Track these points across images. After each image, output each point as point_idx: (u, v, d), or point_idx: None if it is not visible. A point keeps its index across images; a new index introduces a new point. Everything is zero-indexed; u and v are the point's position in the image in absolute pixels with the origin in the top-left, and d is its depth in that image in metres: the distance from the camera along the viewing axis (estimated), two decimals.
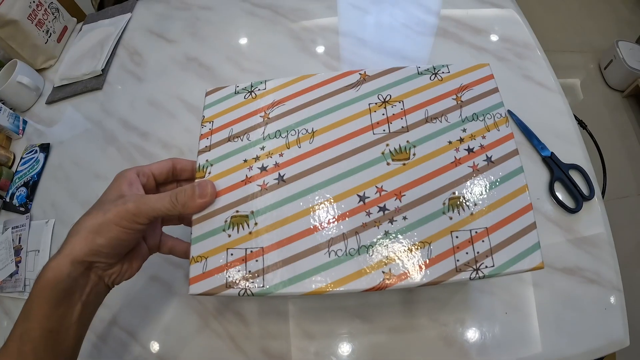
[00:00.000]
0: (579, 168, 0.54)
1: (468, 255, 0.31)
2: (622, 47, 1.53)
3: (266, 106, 0.39)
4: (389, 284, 0.31)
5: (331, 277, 0.32)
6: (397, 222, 0.33)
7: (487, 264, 0.31)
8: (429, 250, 0.32)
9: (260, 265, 0.33)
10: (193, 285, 0.33)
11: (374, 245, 0.32)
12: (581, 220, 0.52)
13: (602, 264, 0.49)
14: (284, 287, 0.32)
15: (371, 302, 0.49)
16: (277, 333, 0.50)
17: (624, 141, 1.50)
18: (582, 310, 0.47)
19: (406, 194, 0.34)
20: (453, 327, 0.47)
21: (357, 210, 0.34)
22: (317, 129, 0.37)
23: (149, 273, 0.57)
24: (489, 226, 0.32)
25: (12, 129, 0.78)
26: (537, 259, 0.31)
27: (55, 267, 0.32)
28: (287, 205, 0.35)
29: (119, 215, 0.32)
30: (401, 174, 0.34)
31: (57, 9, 0.89)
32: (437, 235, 0.32)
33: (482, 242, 0.32)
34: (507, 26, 0.68)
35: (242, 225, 0.34)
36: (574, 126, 0.58)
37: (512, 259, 0.31)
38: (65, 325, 0.33)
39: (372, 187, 0.34)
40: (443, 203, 0.33)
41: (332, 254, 0.32)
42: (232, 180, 0.36)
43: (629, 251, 1.27)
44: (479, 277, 0.30)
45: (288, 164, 0.36)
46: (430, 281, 0.31)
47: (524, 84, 0.62)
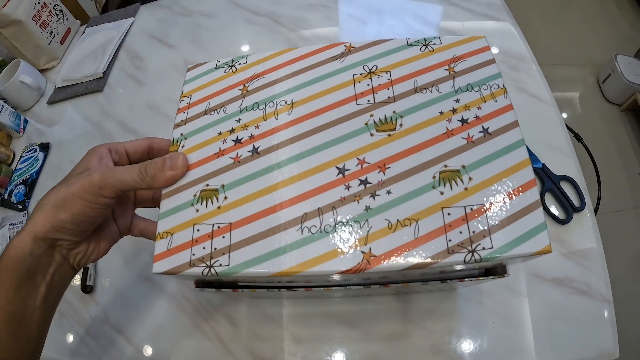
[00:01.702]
0: (570, 179, 0.55)
1: (462, 235, 0.27)
2: (621, 61, 1.54)
3: (246, 79, 0.37)
4: (369, 265, 0.27)
5: (303, 257, 0.28)
6: (380, 197, 0.29)
7: (484, 246, 0.27)
8: (417, 228, 0.28)
9: (227, 242, 0.29)
10: (157, 263, 0.30)
11: (353, 221, 0.28)
12: (572, 232, 0.52)
13: (592, 275, 0.49)
14: (250, 267, 0.28)
15: (360, 309, 0.50)
16: (266, 337, 0.50)
17: (620, 155, 1.51)
18: (572, 321, 0.47)
19: (391, 166, 0.30)
20: (440, 336, 0.47)
21: (336, 183, 0.30)
22: (297, 100, 0.34)
23: (141, 273, 0.57)
24: (487, 203, 0.28)
25: (13, 127, 0.79)
26: (543, 241, 0.27)
27: (17, 245, 0.30)
28: (259, 178, 0.31)
29: (83, 189, 0.30)
30: (386, 145, 0.31)
31: (62, 11, 0.90)
32: (425, 212, 0.28)
33: (479, 221, 0.27)
34: (503, 39, 0.69)
35: (211, 199, 0.31)
36: (566, 138, 0.59)
37: (514, 241, 0.27)
38: (29, 309, 0.31)
39: (352, 159, 0.31)
40: (433, 177, 0.29)
41: (306, 231, 0.29)
42: (205, 153, 0.34)
43: (623, 264, 1.27)
44: (475, 261, 0.26)
45: (263, 136, 0.33)
46: (417, 263, 0.27)
47: (518, 96, 0.63)
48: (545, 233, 0.27)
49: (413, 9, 0.77)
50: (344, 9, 0.80)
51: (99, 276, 0.59)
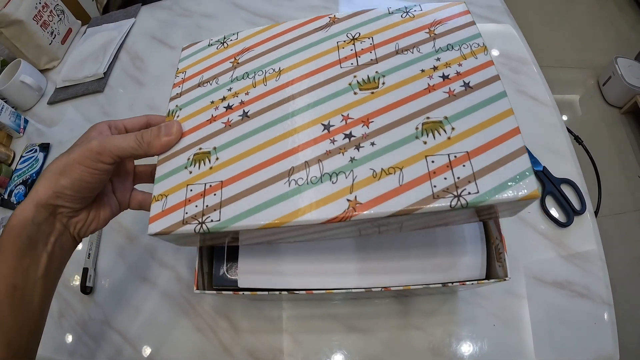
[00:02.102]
0: (570, 182, 0.55)
1: (447, 180, 0.28)
2: (621, 63, 1.54)
3: (236, 53, 0.39)
4: (355, 213, 0.28)
5: (290, 208, 0.29)
6: (364, 149, 0.30)
7: (470, 190, 0.27)
8: (401, 176, 0.28)
9: (218, 199, 0.31)
10: (152, 224, 0.32)
11: (338, 172, 0.29)
12: (572, 235, 0.52)
13: (593, 278, 0.49)
14: (240, 220, 0.29)
15: (360, 311, 0.50)
16: (266, 338, 0.50)
17: (621, 157, 1.51)
18: (572, 324, 0.47)
19: (374, 120, 0.31)
20: (441, 338, 0.47)
21: (321, 138, 0.31)
22: (284, 67, 0.36)
23: (140, 275, 0.57)
24: (470, 150, 0.28)
25: (13, 127, 0.78)
26: (530, 185, 0.27)
27: (20, 213, 0.30)
28: (249, 139, 0.33)
29: (82, 155, 0.31)
30: (369, 102, 0.32)
31: (63, 11, 0.90)
32: (409, 160, 0.29)
33: (463, 167, 0.28)
34: (504, 41, 0.69)
35: (203, 161, 0.33)
36: (567, 141, 0.59)
37: (500, 185, 0.27)
38: (31, 280, 0.31)
39: (337, 115, 0.32)
40: (416, 128, 0.30)
41: (293, 183, 0.30)
42: (198, 120, 0.36)
43: (623, 267, 1.27)
44: (462, 206, 0.27)
45: (253, 100, 0.35)
46: (403, 209, 0.27)
47: (518, 99, 0.63)
48: (532, 178, 0.27)
49: None
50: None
51: (99, 277, 0.58)
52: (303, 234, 0.33)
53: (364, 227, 0.30)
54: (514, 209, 0.30)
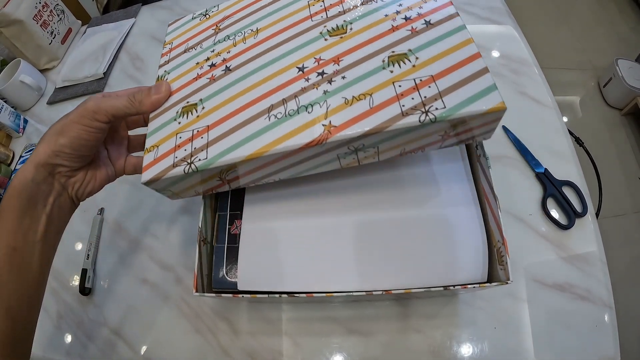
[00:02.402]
0: (572, 185, 0.55)
1: (414, 100, 0.30)
2: (622, 65, 1.54)
3: (218, 21, 0.43)
4: (330, 135, 0.30)
5: (271, 138, 0.31)
6: (336, 82, 0.33)
7: (437, 106, 0.29)
8: (371, 100, 0.31)
9: (205, 141, 0.33)
10: (145, 172, 0.34)
11: (313, 104, 0.32)
12: (573, 237, 0.52)
13: (594, 281, 0.49)
14: (225, 155, 0.32)
15: (360, 313, 0.49)
16: (266, 341, 0.49)
17: (621, 159, 1.51)
18: (573, 327, 0.46)
19: (344, 59, 0.34)
20: (441, 341, 0.47)
21: (296, 79, 0.34)
22: (261, 27, 0.40)
23: (140, 276, 0.57)
24: (435, 73, 0.31)
25: (12, 127, 0.78)
26: (495, 98, 0.29)
27: (21, 174, 0.32)
28: (231, 87, 0.36)
29: (79, 114, 0.33)
30: (339, 45, 0.35)
31: (63, 10, 0.90)
32: (378, 87, 0.31)
33: (429, 88, 0.30)
34: (505, 42, 0.69)
35: (191, 112, 0.36)
36: (568, 143, 0.58)
37: (465, 100, 0.29)
38: (30, 243, 0.32)
39: (310, 59, 0.35)
40: (382, 61, 0.33)
41: (272, 118, 0.32)
42: (185, 80, 0.39)
43: (623, 269, 1.27)
44: (430, 120, 0.29)
45: (234, 57, 0.38)
46: (374, 127, 0.29)
47: (519, 100, 0.63)
48: (496, 93, 0.29)
49: None
50: None
51: (97, 278, 0.58)
52: (287, 167, 0.35)
53: (342, 153, 0.33)
54: (486, 128, 0.32)
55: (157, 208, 0.62)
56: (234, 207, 0.44)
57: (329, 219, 0.41)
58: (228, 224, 0.43)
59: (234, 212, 0.44)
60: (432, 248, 0.39)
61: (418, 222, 0.40)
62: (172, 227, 0.60)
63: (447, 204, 0.41)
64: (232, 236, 0.42)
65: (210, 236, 0.43)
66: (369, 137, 0.30)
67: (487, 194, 0.39)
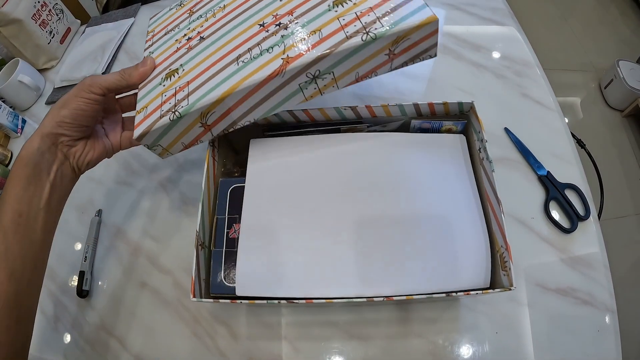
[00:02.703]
0: (575, 188, 0.54)
1: (356, 26, 0.35)
2: (623, 66, 1.54)
3: (191, 6, 0.50)
4: (288, 64, 0.35)
5: (239, 78, 0.37)
6: (291, 27, 0.39)
7: (376, 27, 0.35)
8: (320, 34, 0.36)
9: (185, 93, 0.39)
10: (136, 129, 0.40)
11: (273, 46, 0.38)
12: (576, 241, 0.51)
13: (596, 285, 0.48)
14: (202, 99, 0.37)
15: (359, 318, 0.49)
16: (265, 345, 0.49)
17: (622, 161, 1.50)
18: (575, 332, 0.46)
19: (296, 10, 0.40)
20: (442, 346, 0.46)
21: (259, 32, 0.40)
22: (227, 2, 0.46)
23: (138, 279, 0.56)
24: (372, 5, 0.37)
25: (10, 127, 0.78)
26: (426, 13, 0.35)
27: (27, 145, 0.36)
28: (205, 50, 0.42)
29: (78, 89, 0.39)
30: (291, 1, 0.41)
31: (62, 10, 0.90)
32: (325, 24, 0.37)
33: (368, 16, 0.36)
34: (507, 44, 0.69)
35: (173, 75, 0.42)
36: (571, 145, 0.58)
37: (400, 19, 0.35)
38: (34, 209, 0.36)
39: (269, 16, 0.41)
40: (328, 5, 0.39)
41: (240, 63, 0.38)
42: (167, 54, 0.45)
43: (624, 271, 1.26)
44: (371, 38, 0.34)
45: (207, 29, 0.45)
46: (323, 52, 0.35)
47: (522, 102, 0.62)
48: (427, 9, 0.35)
49: None
50: None
51: (95, 281, 0.58)
52: (258, 104, 0.39)
53: (303, 82, 0.38)
54: (427, 43, 0.38)
55: (156, 210, 0.62)
56: (232, 210, 0.44)
57: (329, 222, 0.41)
58: (226, 228, 0.43)
59: (233, 216, 0.43)
60: (434, 252, 0.38)
61: (420, 227, 0.39)
62: (171, 229, 0.59)
63: (450, 208, 0.40)
64: (230, 240, 0.42)
65: (208, 240, 0.42)
66: (322, 61, 0.36)
67: (490, 198, 0.38)
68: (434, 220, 0.39)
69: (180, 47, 0.45)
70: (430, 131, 0.48)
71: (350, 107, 0.43)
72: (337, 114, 0.45)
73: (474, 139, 0.44)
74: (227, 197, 0.45)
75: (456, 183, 0.41)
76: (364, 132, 0.48)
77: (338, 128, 0.48)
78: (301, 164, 0.44)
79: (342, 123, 0.47)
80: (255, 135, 0.47)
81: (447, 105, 0.43)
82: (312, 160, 0.44)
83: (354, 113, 0.45)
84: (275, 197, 0.43)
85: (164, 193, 0.63)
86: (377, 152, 0.44)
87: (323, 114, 0.45)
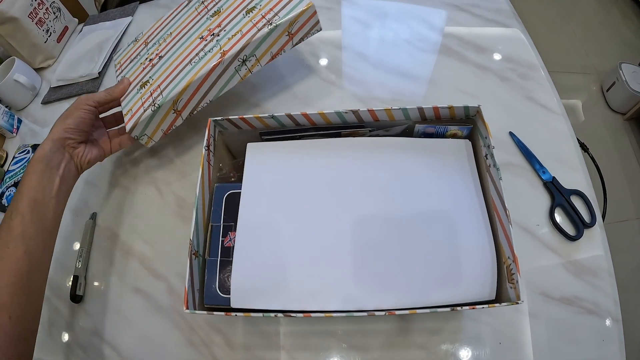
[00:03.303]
0: (580, 194, 0.53)
1: (263, 22, 0.53)
2: (625, 69, 1.53)
3: (145, 39, 0.65)
4: (224, 55, 0.52)
5: (194, 72, 0.53)
6: (221, 34, 0.55)
7: (275, 20, 0.52)
8: (241, 32, 0.53)
9: (159, 91, 0.54)
10: (127, 124, 0.54)
11: (212, 48, 0.54)
12: (581, 248, 0.50)
13: (601, 294, 0.47)
14: (172, 90, 0.52)
15: (359, 328, 0.48)
16: (262, 355, 0.48)
17: (623, 164, 1.49)
18: (579, 342, 0.45)
19: (222, 23, 0.56)
20: (444, 357, 0.45)
21: (201, 42, 0.56)
22: (172, 30, 0.62)
23: (132, 285, 0.55)
24: (272, 7, 0.54)
25: (6, 127, 0.76)
26: (305, 2, 0.53)
27: (40, 148, 0.47)
28: (165, 63, 0.57)
29: (76, 104, 0.52)
30: (218, 19, 0.58)
31: (59, 8, 0.88)
32: (244, 26, 0.54)
33: (270, 14, 0.53)
34: (512, 46, 0.67)
35: (145, 85, 0.56)
36: (576, 150, 0.57)
37: (289, 10, 0.53)
38: (47, 197, 0.45)
39: (205, 31, 0.57)
40: (242, 14, 0.56)
41: (193, 63, 0.54)
42: (136, 74, 0.60)
43: (625, 275, 1.25)
44: (274, 27, 0.52)
45: (162, 50, 0.60)
46: (245, 42, 0.52)
47: (527, 105, 0.61)
48: (306, 0, 0.53)
49: (419, 14, 0.75)
50: (347, 11, 0.78)
51: (89, 286, 0.56)
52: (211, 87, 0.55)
53: (237, 66, 0.54)
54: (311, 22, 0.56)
55: (150, 213, 0.60)
56: (228, 218, 0.42)
57: (329, 231, 0.39)
58: (221, 237, 0.41)
59: (228, 224, 0.42)
60: (437, 262, 0.37)
61: (423, 236, 0.38)
62: (166, 234, 0.58)
63: (454, 216, 0.39)
64: (225, 249, 0.40)
65: (202, 249, 0.41)
66: (246, 48, 0.53)
67: (497, 206, 0.37)
68: (438, 229, 0.38)
69: (145, 67, 0.59)
70: (434, 136, 0.46)
71: (351, 110, 0.42)
72: (338, 117, 0.44)
73: (480, 144, 0.42)
74: (222, 204, 0.43)
75: (461, 190, 0.40)
76: (366, 136, 0.46)
77: (339, 132, 0.46)
78: (300, 169, 0.43)
79: (343, 127, 0.46)
80: (252, 139, 0.46)
81: (453, 109, 0.42)
82: (312, 165, 0.43)
83: (356, 117, 0.44)
84: (273, 204, 0.41)
85: (159, 196, 0.62)
86: (380, 158, 0.43)
87: (323, 118, 0.44)
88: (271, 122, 0.45)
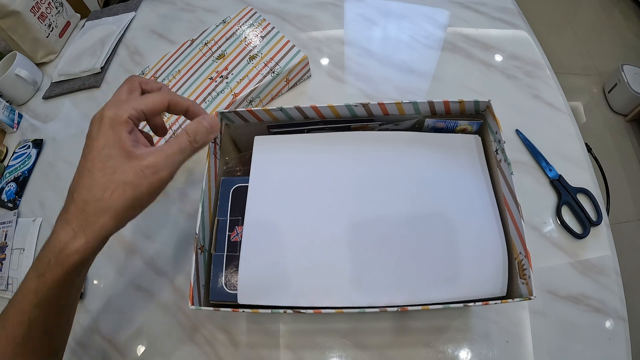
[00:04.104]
0: (586, 192, 0.52)
1: (267, 69, 0.64)
2: (627, 71, 1.53)
3: (152, 74, 0.71)
4: (235, 97, 0.62)
5: (212, 109, 0.62)
6: (230, 77, 0.65)
7: (277, 68, 0.64)
8: (248, 78, 0.64)
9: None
10: None
11: (224, 89, 0.64)
12: (588, 246, 0.50)
13: (608, 292, 0.47)
14: None
15: (364, 326, 0.47)
16: (266, 354, 0.47)
17: (625, 165, 1.49)
18: (586, 340, 0.45)
19: (229, 67, 0.66)
20: (451, 355, 0.44)
21: (210, 83, 0.65)
22: (180, 68, 0.69)
23: (133, 282, 0.54)
24: (272, 56, 0.65)
25: (6, 122, 0.76)
26: (300, 56, 0.64)
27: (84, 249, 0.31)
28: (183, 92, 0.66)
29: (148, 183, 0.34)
30: (224, 62, 0.67)
31: (62, 3, 0.88)
32: (249, 71, 0.64)
33: (271, 63, 0.65)
34: (518, 44, 0.67)
35: None
36: (582, 148, 0.56)
37: (289, 61, 0.64)
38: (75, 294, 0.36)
39: (213, 73, 0.66)
40: (246, 60, 0.66)
41: (207, 101, 0.64)
42: None
43: (629, 276, 1.24)
44: (277, 73, 0.63)
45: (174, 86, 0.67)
46: (254, 86, 0.63)
47: (533, 104, 0.61)
48: (300, 54, 0.65)
49: (425, 11, 0.74)
50: (353, 8, 0.77)
51: (89, 283, 0.56)
52: None
53: (245, 106, 0.64)
54: (304, 70, 0.67)
55: (153, 208, 0.59)
56: (234, 212, 0.42)
57: (338, 226, 0.38)
58: (228, 231, 0.40)
59: (235, 218, 0.41)
60: (448, 258, 0.36)
61: (433, 231, 0.37)
62: (169, 229, 0.57)
63: (465, 211, 0.38)
64: (232, 244, 0.40)
65: (208, 243, 0.40)
66: (254, 92, 0.63)
67: (507, 201, 0.37)
68: (448, 224, 0.38)
69: None
70: (444, 131, 0.46)
71: (361, 104, 0.42)
72: (347, 111, 0.43)
73: (490, 139, 0.42)
74: (229, 198, 0.42)
75: (472, 185, 0.40)
76: (376, 130, 0.46)
77: (348, 126, 0.46)
78: (308, 163, 0.42)
79: (352, 121, 0.45)
80: (259, 132, 0.45)
81: (463, 104, 0.41)
82: (320, 159, 0.42)
83: (365, 110, 0.43)
84: (281, 198, 0.40)
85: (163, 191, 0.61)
86: (389, 152, 0.42)
87: (332, 111, 0.43)
88: (279, 115, 0.44)
